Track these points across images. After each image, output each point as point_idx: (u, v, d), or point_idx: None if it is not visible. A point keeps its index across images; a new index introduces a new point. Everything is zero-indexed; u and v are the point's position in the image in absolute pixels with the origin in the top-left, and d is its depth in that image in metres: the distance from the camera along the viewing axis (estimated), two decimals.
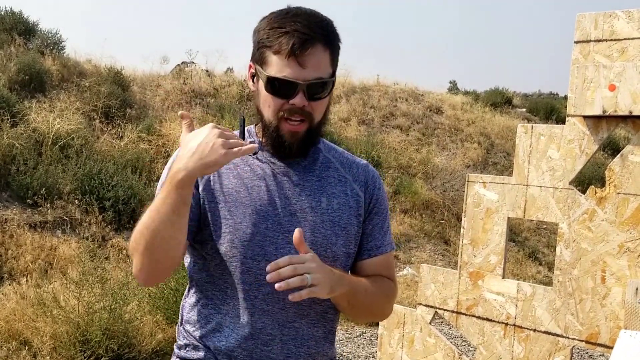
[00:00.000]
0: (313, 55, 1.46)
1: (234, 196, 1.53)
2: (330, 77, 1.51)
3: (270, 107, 1.50)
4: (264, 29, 1.49)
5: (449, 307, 3.35)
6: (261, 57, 1.49)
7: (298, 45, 1.44)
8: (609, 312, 2.82)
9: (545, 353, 3.00)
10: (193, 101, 11.26)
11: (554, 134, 3.01)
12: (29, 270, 5.99)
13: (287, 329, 1.53)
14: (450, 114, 14.19)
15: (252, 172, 1.56)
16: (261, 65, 1.50)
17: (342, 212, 1.58)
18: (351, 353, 5.59)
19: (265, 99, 1.51)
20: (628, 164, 2.78)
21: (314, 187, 1.57)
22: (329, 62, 1.50)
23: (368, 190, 1.64)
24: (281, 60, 1.45)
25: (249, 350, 1.51)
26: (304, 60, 1.45)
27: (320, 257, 1.49)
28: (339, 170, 1.63)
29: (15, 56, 9.71)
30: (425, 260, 8.81)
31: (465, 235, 3.30)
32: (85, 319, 4.57)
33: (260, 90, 1.51)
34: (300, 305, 1.53)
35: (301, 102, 1.47)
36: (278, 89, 1.47)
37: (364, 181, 1.65)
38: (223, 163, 1.34)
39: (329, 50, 1.49)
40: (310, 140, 1.55)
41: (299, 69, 1.45)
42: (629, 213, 2.77)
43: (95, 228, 7.14)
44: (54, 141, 7.92)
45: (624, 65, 2.75)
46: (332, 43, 1.50)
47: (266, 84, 1.48)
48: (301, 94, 1.46)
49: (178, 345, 1.61)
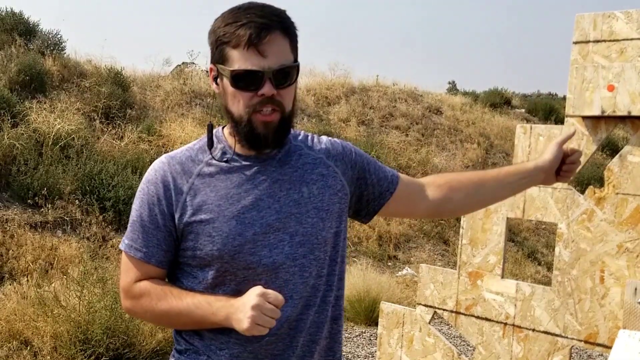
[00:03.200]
0: (272, 42, 1.45)
1: (215, 211, 1.50)
2: (294, 63, 1.50)
3: (239, 102, 1.48)
4: (220, 27, 1.48)
5: (448, 307, 3.36)
6: (221, 55, 1.48)
7: (256, 34, 1.43)
8: (608, 312, 2.83)
9: (544, 353, 3.01)
10: (193, 102, 11.27)
11: (552, 135, 3.02)
12: (29, 270, 6.00)
13: (298, 322, 1.54)
14: (450, 114, 14.20)
15: (229, 181, 1.53)
16: (223, 63, 1.48)
17: (323, 195, 1.58)
18: (350, 353, 5.60)
19: (233, 96, 1.49)
20: (627, 164, 2.79)
21: (292, 179, 1.56)
22: (289, 48, 1.49)
23: (346, 160, 1.66)
24: (241, 53, 1.44)
25: (254, 353, 1.52)
26: (264, 48, 1.44)
27: (311, 244, 1.53)
28: (310, 154, 1.63)
29: (16, 57, 9.70)
30: (425, 260, 8.82)
31: (464, 235, 3.31)
32: (86, 318, 4.58)
33: (226, 89, 1.50)
34: (307, 297, 1.55)
35: (270, 91, 1.45)
36: (244, 82, 1.46)
37: (337, 154, 1.66)
38: (248, 332, 1.42)
39: (287, 38, 1.49)
40: (284, 129, 1.53)
41: (261, 58, 1.44)
42: (628, 213, 2.78)
43: (96, 228, 7.15)
44: (55, 141, 7.93)
45: (622, 66, 2.76)
46: (289, 30, 1.50)
47: (231, 80, 1.46)
48: (268, 83, 1.45)
49: (178, 349, 1.60)
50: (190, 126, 9.87)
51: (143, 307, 1.53)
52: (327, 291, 1.59)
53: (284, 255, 1.51)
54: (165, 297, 1.51)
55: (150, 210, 1.52)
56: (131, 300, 1.55)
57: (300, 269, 1.53)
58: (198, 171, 1.54)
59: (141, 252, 1.53)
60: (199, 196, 1.52)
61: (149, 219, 1.53)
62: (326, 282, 1.59)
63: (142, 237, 1.53)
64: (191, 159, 1.56)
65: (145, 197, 1.54)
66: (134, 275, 1.55)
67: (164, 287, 1.52)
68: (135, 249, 1.54)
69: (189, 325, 1.53)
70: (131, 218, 1.56)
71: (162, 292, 1.51)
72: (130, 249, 1.54)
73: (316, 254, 1.55)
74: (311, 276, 1.55)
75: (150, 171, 1.57)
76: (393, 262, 8.96)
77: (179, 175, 1.53)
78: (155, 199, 1.53)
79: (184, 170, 1.54)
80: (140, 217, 1.54)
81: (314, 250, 1.55)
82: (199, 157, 1.57)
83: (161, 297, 1.51)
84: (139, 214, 1.54)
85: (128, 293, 1.55)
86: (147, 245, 1.53)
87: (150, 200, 1.53)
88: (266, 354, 1.52)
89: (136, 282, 1.55)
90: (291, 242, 1.52)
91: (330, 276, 1.60)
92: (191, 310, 1.48)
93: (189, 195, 1.52)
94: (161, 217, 1.52)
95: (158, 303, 1.50)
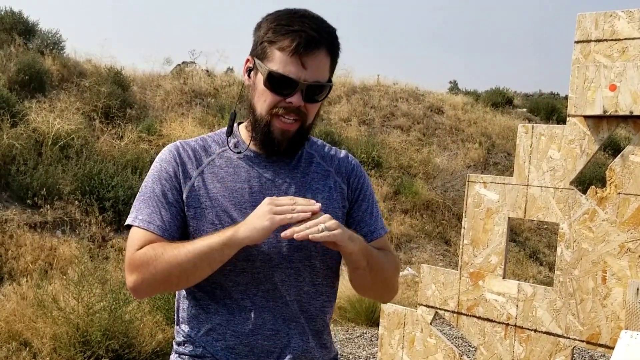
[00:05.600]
0: (316, 58, 1.46)
1: (219, 201, 1.52)
2: (328, 82, 1.51)
3: (265, 102, 1.50)
4: (270, 25, 1.49)
5: (449, 307, 3.34)
6: (263, 51, 1.49)
7: (304, 45, 1.44)
8: (610, 313, 2.81)
9: (546, 353, 2.99)
10: (193, 101, 11.26)
11: (554, 134, 3.00)
12: (28, 271, 5.99)
13: (294, 323, 1.54)
14: (451, 114, 14.19)
15: (236, 174, 1.56)
16: (262, 60, 1.49)
17: (327, 206, 1.58)
18: (352, 353, 5.58)
19: (261, 94, 1.50)
20: (629, 164, 2.78)
21: (299, 184, 1.58)
22: (328, 68, 1.51)
23: (351, 180, 1.65)
24: (284, 57, 1.45)
25: (250, 346, 1.52)
26: (307, 61, 1.45)
27: (308, 251, 1.53)
28: (321, 164, 1.64)
29: (15, 56, 9.70)
30: (426, 261, 8.80)
31: (465, 235, 3.29)
32: (85, 319, 4.57)
33: (257, 85, 1.51)
34: (301, 301, 1.55)
35: (298, 102, 1.47)
36: (277, 85, 1.47)
37: (346, 172, 1.65)
38: (271, 229, 1.40)
39: (330, 57, 1.50)
40: (300, 140, 1.55)
41: (301, 69, 1.45)
42: (630, 213, 2.76)
43: (95, 228, 7.14)
44: (54, 141, 7.92)
45: (624, 65, 2.74)
46: (334, 50, 1.52)
47: (266, 79, 1.48)
48: (299, 94, 1.47)
49: (177, 342, 1.62)
50: (191, 126, 9.86)
51: (149, 270, 1.46)
52: (324, 301, 1.60)
53: (281, 256, 1.52)
54: (168, 247, 1.47)
55: (163, 186, 1.54)
56: (136, 271, 1.48)
57: (295, 272, 1.54)
58: (209, 161, 1.57)
59: (154, 224, 1.51)
60: (206, 184, 1.54)
61: (162, 194, 1.53)
62: (324, 292, 1.59)
63: (157, 213, 1.52)
64: (204, 149, 1.60)
65: (159, 173, 1.56)
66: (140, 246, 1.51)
67: (163, 243, 1.49)
68: (150, 223, 1.51)
69: (199, 268, 1.45)
70: (143, 195, 1.55)
71: (162, 247, 1.47)
72: (145, 223, 1.51)
73: (312, 261, 1.55)
74: (305, 282, 1.55)
75: (164, 151, 1.60)
76: None
77: (190, 161, 1.57)
78: (169, 176, 1.55)
79: (196, 157, 1.57)
80: (153, 191, 1.54)
81: (310, 258, 1.55)
82: (212, 148, 1.60)
83: (165, 249, 1.46)
84: (152, 189, 1.54)
85: (131, 264, 1.49)
86: (162, 219, 1.51)
87: (165, 177, 1.55)
88: (262, 348, 1.52)
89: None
90: (289, 245, 1.52)
91: (327, 287, 1.60)
92: (196, 247, 1.44)
93: (196, 181, 1.54)
94: (175, 192, 1.54)
95: (163, 254, 1.45)
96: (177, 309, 1.64)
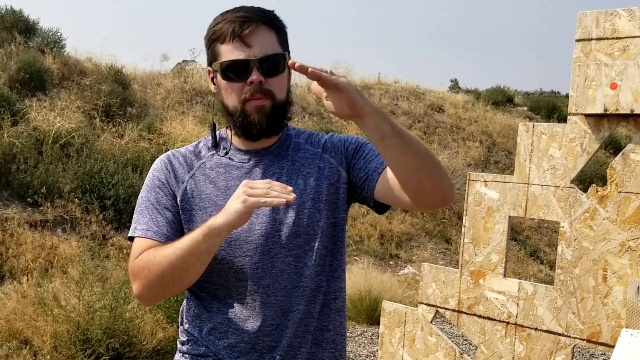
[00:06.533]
0: (257, 34, 1.50)
1: (212, 201, 1.56)
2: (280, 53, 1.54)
3: (232, 94, 1.53)
4: (211, 28, 1.55)
5: (450, 306, 3.34)
6: (213, 54, 1.55)
7: (239, 27, 1.49)
8: (611, 311, 2.81)
9: (547, 352, 2.99)
10: (194, 99, 11.25)
11: (555, 133, 3.00)
12: (29, 269, 5.99)
13: (292, 313, 1.55)
14: (452, 112, 14.18)
15: (227, 173, 1.59)
16: (215, 61, 1.54)
17: (320, 186, 1.60)
18: (352, 352, 5.59)
19: (225, 90, 1.54)
20: (629, 162, 2.77)
21: (289, 172, 1.60)
22: (276, 41, 1.54)
23: (339, 151, 1.65)
24: (228, 46, 1.51)
25: (251, 344, 1.53)
26: (249, 40, 1.49)
27: (307, 235, 1.55)
28: (309, 149, 1.66)
29: (16, 55, 9.69)
30: (427, 259, 8.81)
31: (466, 234, 3.29)
32: (86, 317, 4.57)
33: (220, 84, 1.56)
34: (302, 286, 1.55)
35: (258, 78, 1.49)
36: (233, 72, 1.51)
37: (332, 144, 1.67)
38: (245, 211, 1.39)
39: (274, 31, 1.54)
40: (278, 117, 1.56)
41: (247, 48, 1.50)
42: (631, 212, 2.76)
43: (96, 227, 7.14)
44: (55, 140, 7.92)
45: (625, 64, 2.73)
46: (274, 24, 1.55)
47: (221, 73, 1.52)
48: (256, 71, 1.49)
49: (181, 341, 1.64)
50: (191, 124, 9.84)
51: (145, 274, 1.48)
52: (323, 282, 1.60)
53: (280, 245, 1.54)
54: (160, 249, 1.49)
55: (157, 194, 1.59)
56: (136, 278, 1.51)
57: (296, 259, 1.55)
58: (200, 164, 1.62)
59: (151, 231, 1.55)
60: (199, 186, 1.59)
61: (157, 200, 1.58)
62: (323, 272, 1.60)
63: (154, 220, 1.56)
64: (195, 154, 1.65)
65: (153, 182, 1.61)
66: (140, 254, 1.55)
67: (156, 247, 1.51)
68: (148, 230, 1.54)
69: (189, 264, 1.45)
70: (139, 206, 1.60)
71: (155, 250, 1.49)
72: (143, 231, 1.55)
73: (312, 244, 1.57)
74: (306, 266, 1.56)
75: (156, 162, 1.66)
76: (395, 261, 8.95)
77: (181, 167, 1.62)
78: (162, 183, 1.60)
79: (187, 162, 1.63)
80: (148, 200, 1.58)
81: (310, 241, 1.57)
82: (202, 152, 1.65)
83: (157, 251, 1.49)
84: (147, 199, 1.59)
85: (132, 272, 1.53)
86: (158, 225, 1.55)
87: (158, 185, 1.60)
88: (263, 344, 1.53)
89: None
90: (287, 233, 1.55)
91: (327, 266, 1.61)
92: (182, 243, 1.45)
93: (189, 185, 1.59)
94: (170, 198, 1.58)
95: (155, 257, 1.47)
96: (181, 311, 1.67)
